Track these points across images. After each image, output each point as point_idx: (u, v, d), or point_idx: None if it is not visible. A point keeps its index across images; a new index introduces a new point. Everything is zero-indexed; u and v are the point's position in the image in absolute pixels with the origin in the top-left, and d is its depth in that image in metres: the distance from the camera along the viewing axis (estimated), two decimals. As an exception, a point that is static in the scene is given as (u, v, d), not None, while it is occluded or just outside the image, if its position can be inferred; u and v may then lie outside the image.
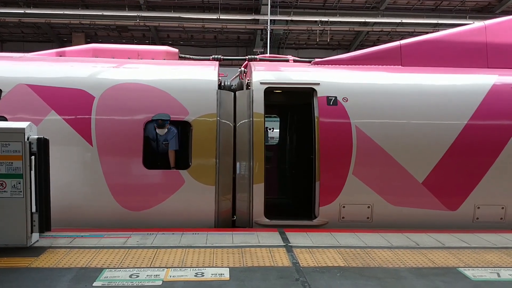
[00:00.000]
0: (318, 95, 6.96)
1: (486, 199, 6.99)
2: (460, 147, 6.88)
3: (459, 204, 6.96)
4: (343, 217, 6.89)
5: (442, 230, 6.57)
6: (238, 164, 6.95)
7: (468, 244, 5.93)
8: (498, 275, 4.79)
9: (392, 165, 6.82)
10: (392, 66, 7.56)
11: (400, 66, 7.56)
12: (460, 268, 4.94)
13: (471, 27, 7.88)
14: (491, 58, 7.57)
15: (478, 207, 6.98)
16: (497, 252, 5.59)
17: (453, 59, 7.56)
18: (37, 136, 5.57)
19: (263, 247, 5.61)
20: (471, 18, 19.56)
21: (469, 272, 4.82)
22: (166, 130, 7.00)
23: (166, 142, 7.19)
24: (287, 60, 8.15)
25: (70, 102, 6.75)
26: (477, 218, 7.01)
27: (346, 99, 6.91)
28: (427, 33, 8.61)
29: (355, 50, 20.92)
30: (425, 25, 20.41)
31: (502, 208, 7.03)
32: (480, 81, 7.31)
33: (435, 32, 8.18)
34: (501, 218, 7.05)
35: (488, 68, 7.54)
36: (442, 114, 6.99)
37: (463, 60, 7.55)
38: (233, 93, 7.27)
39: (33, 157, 5.49)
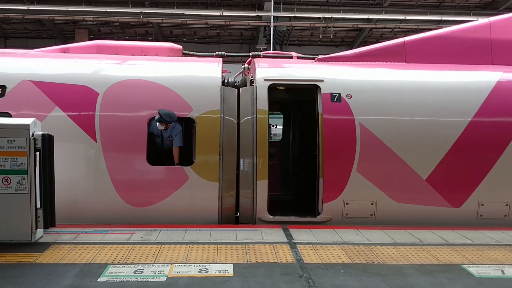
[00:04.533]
0: (322, 91, 6.95)
1: (490, 196, 6.98)
2: (464, 144, 6.86)
3: (463, 201, 6.96)
4: (346, 214, 6.89)
5: (445, 227, 6.56)
6: (241, 160, 6.96)
7: (471, 241, 5.92)
8: (503, 272, 4.78)
9: (395, 162, 6.81)
10: (396, 62, 7.55)
11: (404, 63, 7.54)
12: (464, 265, 4.93)
13: (476, 24, 7.86)
14: (495, 54, 7.55)
15: (482, 204, 6.97)
16: (501, 249, 5.58)
17: (457, 56, 7.54)
18: (41, 132, 5.58)
19: (266, 244, 5.62)
20: (475, 14, 19.49)
21: (473, 269, 4.81)
22: (164, 127, 7.00)
23: (170, 138, 7.20)
24: (291, 57, 8.15)
25: (74, 99, 6.77)
26: (481, 215, 7.01)
27: (350, 95, 6.90)
28: (430, 29, 8.58)
29: (358, 47, 20.80)
30: (428, 21, 20.39)
31: (506, 205, 7.02)
32: (484, 78, 7.29)
33: (439, 29, 8.13)
34: (505, 215, 7.03)
35: (492, 65, 7.52)
36: (446, 111, 6.97)
37: (468, 57, 7.53)
38: (236, 89, 7.27)
39: (37, 153, 5.51)
